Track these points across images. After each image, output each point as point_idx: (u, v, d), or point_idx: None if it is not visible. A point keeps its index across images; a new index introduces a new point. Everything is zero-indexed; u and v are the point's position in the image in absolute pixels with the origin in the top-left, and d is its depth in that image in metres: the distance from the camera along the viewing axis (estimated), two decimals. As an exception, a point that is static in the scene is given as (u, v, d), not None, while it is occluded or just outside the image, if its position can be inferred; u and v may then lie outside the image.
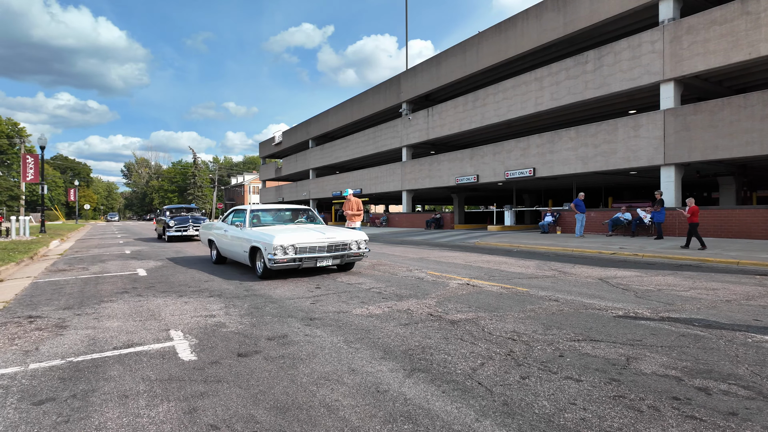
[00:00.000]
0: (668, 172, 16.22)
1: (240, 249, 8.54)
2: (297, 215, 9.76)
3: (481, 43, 23.29)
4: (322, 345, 3.93)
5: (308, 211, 9.93)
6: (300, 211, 9.89)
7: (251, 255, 8.02)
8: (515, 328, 4.36)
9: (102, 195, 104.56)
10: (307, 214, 9.86)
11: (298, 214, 9.79)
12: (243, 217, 9.06)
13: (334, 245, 7.73)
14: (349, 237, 7.94)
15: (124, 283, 7.68)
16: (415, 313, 5.03)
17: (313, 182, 41.99)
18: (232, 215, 9.91)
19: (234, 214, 9.83)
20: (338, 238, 7.80)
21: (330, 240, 7.68)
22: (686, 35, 15.26)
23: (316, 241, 7.55)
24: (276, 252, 7.15)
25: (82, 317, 5.22)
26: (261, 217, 9.30)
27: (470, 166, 24.64)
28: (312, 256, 7.47)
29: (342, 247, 7.85)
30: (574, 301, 5.63)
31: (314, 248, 7.53)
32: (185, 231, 18.28)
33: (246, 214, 8.96)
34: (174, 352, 3.82)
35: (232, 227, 9.24)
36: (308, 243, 7.46)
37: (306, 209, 9.97)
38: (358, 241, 8.05)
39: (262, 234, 7.73)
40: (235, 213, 9.85)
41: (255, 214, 9.20)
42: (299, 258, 7.33)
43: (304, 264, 7.45)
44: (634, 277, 7.72)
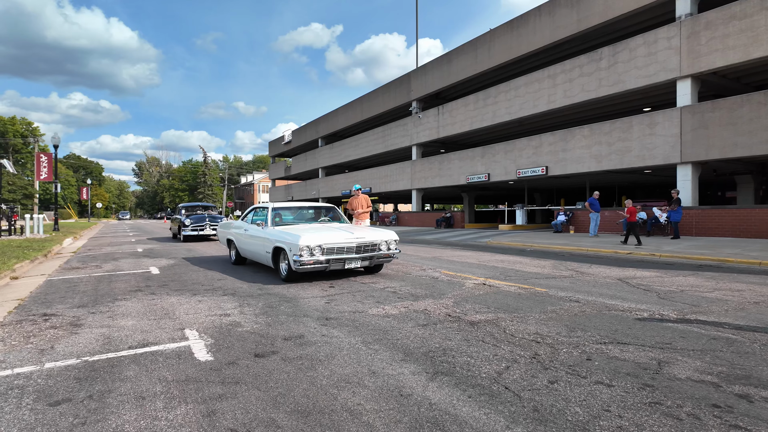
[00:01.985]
0: (685, 170, 15.92)
1: (262, 249, 8.08)
2: (320, 214, 9.31)
3: (493, 41, 23.06)
4: (339, 346, 3.84)
5: (332, 210, 9.40)
6: (323, 209, 9.44)
7: (274, 256, 7.55)
8: (538, 329, 4.24)
9: (114, 194, 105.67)
10: (332, 212, 9.34)
11: (322, 213, 9.34)
12: (265, 216, 8.61)
13: (363, 246, 7.20)
14: (379, 237, 7.43)
15: (137, 282, 7.66)
16: (433, 314, 4.92)
17: (323, 181, 42.00)
18: (252, 213, 9.46)
19: (255, 213, 9.39)
20: (368, 238, 7.26)
21: (359, 240, 7.15)
22: (704, 31, 14.94)
23: (344, 241, 7.03)
24: (302, 253, 6.69)
25: (96, 315, 5.18)
26: (283, 215, 8.84)
27: (481, 165, 24.44)
28: (340, 258, 6.97)
29: (371, 248, 7.31)
30: (596, 302, 5.48)
31: (342, 249, 7.02)
32: (202, 230, 17.53)
33: (268, 213, 8.53)
34: (190, 352, 3.75)
35: (253, 226, 8.75)
36: (336, 243, 6.96)
37: (330, 207, 9.46)
38: (388, 242, 7.54)
39: (287, 233, 7.21)
40: (256, 211, 9.39)
41: (277, 213, 8.74)
42: (326, 260, 6.85)
43: (332, 266, 6.96)
44: (654, 277, 7.54)
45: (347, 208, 10.92)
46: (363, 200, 10.90)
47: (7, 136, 62.13)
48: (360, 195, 10.95)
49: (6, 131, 62.63)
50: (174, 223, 19.67)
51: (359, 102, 35.56)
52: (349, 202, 10.94)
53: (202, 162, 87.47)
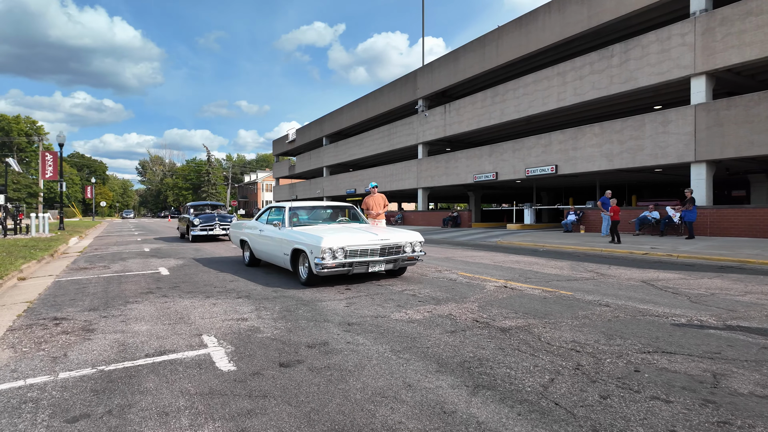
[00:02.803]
0: (699, 169, 15.65)
1: (279, 251, 7.65)
2: (338, 213, 8.83)
3: (501, 38, 22.80)
4: (368, 354, 3.64)
5: (351, 209, 8.93)
6: (341, 208, 8.97)
7: (293, 258, 7.12)
8: (574, 337, 4.03)
9: (117, 192, 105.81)
10: (350, 212, 8.88)
11: (340, 212, 8.86)
12: (281, 216, 8.14)
13: (387, 248, 6.78)
14: (403, 238, 7.01)
15: (147, 283, 7.48)
16: (459, 319, 4.72)
17: (327, 180, 41.82)
18: (267, 213, 9.03)
19: (270, 212, 8.92)
20: (392, 240, 6.84)
21: (383, 242, 6.73)
22: (720, 27, 14.66)
23: (368, 243, 6.61)
24: (324, 256, 6.28)
25: (108, 320, 5.00)
26: (300, 215, 8.38)
27: (489, 163, 24.20)
28: (363, 261, 6.56)
29: (396, 250, 6.90)
30: (627, 306, 5.26)
31: (366, 251, 6.61)
32: (211, 230, 16.77)
33: (285, 213, 8.08)
34: (210, 361, 3.55)
35: (269, 227, 8.30)
36: (359, 245, 6.55)
37: (348, 206, 8.98)
38: (412, 243, 7.10)
39: (307, 234, 6.79)
40: (272, 211, 8.91)
41: (294, 212, 8.26)
42: (349, 262, 6.45)
43: (355, 269, 6.56)
44: (678, 279, 7.31)
45: (362, 207, 10.29)
46: (380, 199, 10.28)
47: (11, 135, 62.19)
48: (376, 193, 10.36)
49: (10, 130, 62.69)
50: (182, 222, 18.95)
51: (364, 100, 35.34)
52: (364, 201, 10.31)
53: (205, 161, 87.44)
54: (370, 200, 10.20)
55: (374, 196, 10.23)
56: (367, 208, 10.17)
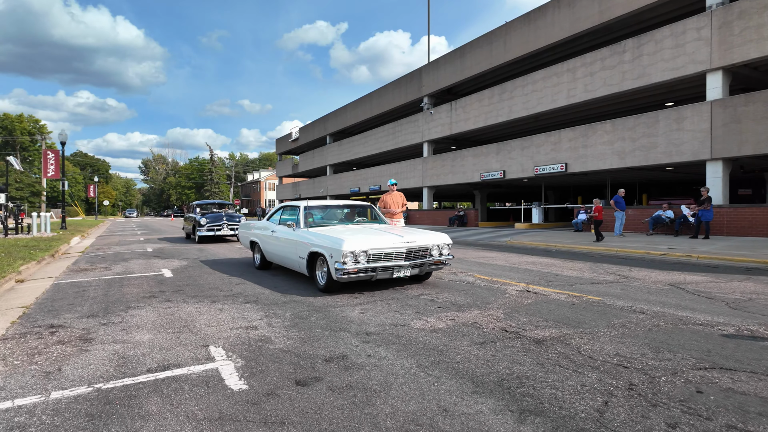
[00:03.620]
0: (715, 167, 15.23)
1: (293, 254, 7.06)
2: (356, 212, 8.18)
3: (509, 34, 22.39)
4: (392, 371, 3.29)
5: (369, 208, 8.31)
6: (359, 207, 8.32)
7: (310, 263, 6.54)
8: (617, 350, 3.67)
9: (120, 191, 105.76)
10: (369, 211, 8.25)
11: (357, 212, 8.21)
12: (296, 216, 7.53)
13: (413, 251, 6.19)
14: (430, 240, 6.41)
15: (150, 286, 7.15)
16: (486, 329, 4.36)
17: (331, 178, 41.49)
18: (280, 213, 8.38)
19: (284, 212, 8.30)
20: (419, 242, 6.25)
21: (409, 244, 6.14)
22: (737, 21, 14.24)
23: (392, 245, 6.03)
24: (346, 260, 5.71)
25: (108, 327, 4.67)
26: (316, 214, 7.72)
27: (496, 162, 23.80)
28: (387, 265, 5.96)
29: (422, 254, 6.31)
30: (664, 313, 4.89)
31: (390, 255, 6.02)
32: (219, 230, 15.92)
33: (300, 212, 7.47)
34: (219, 378, 3.21)
35: (282, 227, 7.71)
36: (383, 248, 5.97)
37: (367, 206, 8.38)
38: (440, 246, 6.48)
39: (326, 237, 6.21)
40: (285, 210, 8.31)
41: (310, 212, 7.60)
42: (372, 267, 5.86)
43: (379, 275, 5.97)
44: (707, 282, 6.94)
45: (380, 205, 9.61)
46: (398, 197, 9.61)
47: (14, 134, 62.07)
48: (395, 191, 9.67)
49: (13, 129, 62.58)
50: (187, 222, 18.12)
51: (368, 98, 34.97)
52: (382, 200, 9.64)
53: (208, 159, 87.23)
54: (388, 198, 9.56)
55: (393, 194, 9.59)
56: (385, 206, 9.54)
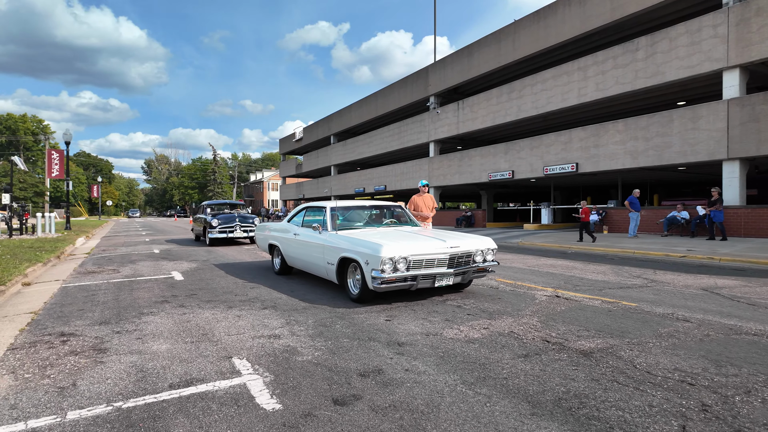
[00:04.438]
0: (732, 167, 14.92)
1: (320, 260, 6.46)
2: (384, 214, 7.51)
3: (518, 32, 22.10)
4: (435, 387, 3.02)
5: (398, 208, 7.67)
6: (387, 208, 7.64)
7: (340, 269, 5.96)
8: (674, 364, 3.40)
9: (123, 191, 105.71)
10: (399, 212, 7.59)
11: (386, 213, 7.53)
12: (322, 217, 6.90)
13: (456, 257, 5.59)
14: (474, 245, 5.79)
15: (161, 290, 6.90)
16: (526, 339, 4.10)
17: (335, 179, 41.24)
18: (303, 214, 7.75)
19: (307, 213, 7.69)
20: (463, 247, 5.64)
21: (453, 250, 5.53)
22: (755, 17, 13.92)
23: (434, 251, 5.43)
24: (384, 267, 5.10)
25: (122, 336, 4.42)
26: (343, 216, 7.00)
27: (504, 162, 23.50)
28: (429, 273, 5.35)
29: (465, 260, 5.71)
30: (710, 321, 4.62)
31: (432, 262, 5.42)
32: (231, 232, 14.75)
33: (326, 213, 6.80)
34: (249, 395, 2.95)
35: (306, 230, 7.13)
36: (425, 254, 5.37)
37: (396, 206, 7.70)
38: (484, 251, 5.87)
39: (361, 241, 5.62)
40: (309, 211, 7.67)
41: (336, 214, 6.87)
42: (412, 276, 5.26)
43: (419, 284, 5.36)
44: (741, 287, 6.65)
45: (408, 207, 8.96)
46: (429, 200, 8.96)
47: (18, 134, 62.01)
48: (426, 192, 8.98)
49: (17, 129, 62.53)
50: (197, 223, 16.92)
51: (373, 98, 34.70)
52: (412, 201, 8.97)
53: (211, 160, 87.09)
54: (419, 200, 8.88)
55: (423, 195, 8.94)
56: (416, 208, 8.89)
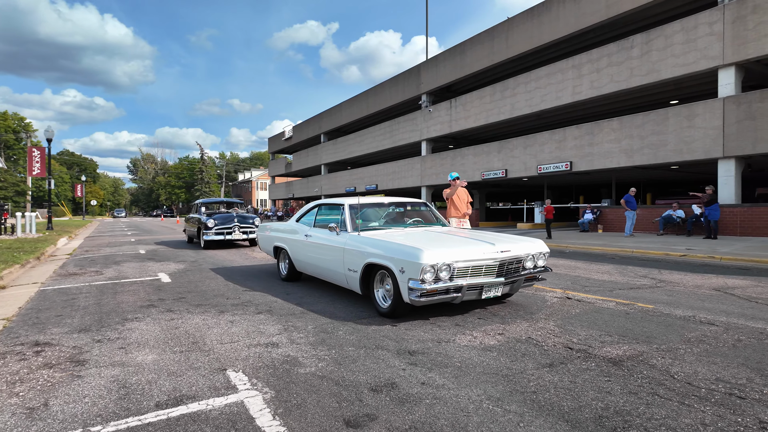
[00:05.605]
0: (727, 165, 14.86)
1: (338, 266, 5.55)
2: (407, 212, 6.56)
3: (512, 30, 21.91)
4: (459, 405, 2.69)
5: (423, 206, 6.76)
6: (411, 205, 6.67)
7: (364, 277, 5.07)
8: (715, 373, 3.11)
9: (108, 191, 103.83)
10: (425, 210, 6.72)
11: (410, 211, 6.59)
12: (340, 217, 5.95)
13: (506, 263, 4.72)
14: (524, 249, 4.93)
15: (147, 293, 6.47)
16: (546, 345, 3.79)
17: (325, 178, 40.77)
18: (315, 213, 6.79)
19: (320, 211, 6.72)
20: (513, 252, 4.79)
21: (503, 255, 4.67)
22: (752, 15, 13.86)
23: (482, 256, 4.56)
24: (425, 276, 4.23)
25: (103, 345, 4.01)
26: (364, 215, 6.04)
27: (498, 160, 23.31)
28: (475, 283, 4.46)
29: (516, 267, 4.85)
30: (737, 325, 4.36)
31: (479, 269, 4.55)
32: (229, 233, 13.34)
33: (345, 212, 5.85)
34: (248, 416, 2.59)
35: (320, 231, 6.23)
36: (472, 260, 4.49)
37: (420, 203, 6.78)
38: (535, 256, 5.02)
39: (394, 244, 4.71)
40: (322, 209, 6.73)
41: (358, 212, 5.93)
42: (457, 286, 4.36)
43: (465, 296, 4.47)
44: (753, 287, 6.44)
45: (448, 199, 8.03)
46: (464, 194, 7.87)
47: (-2, 131, 60.37)
48: (458, 186, 7.85)
49: (-3, 127, 60.85)
50: (190, 224, 15.42)
51: (364, 96, 34.33)
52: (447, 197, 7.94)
53: (198, 159, 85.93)
54: (453, 195, 7.90)
55: (457, 188, 7.83)
56: (451, 205, 7.87)
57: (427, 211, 6.72)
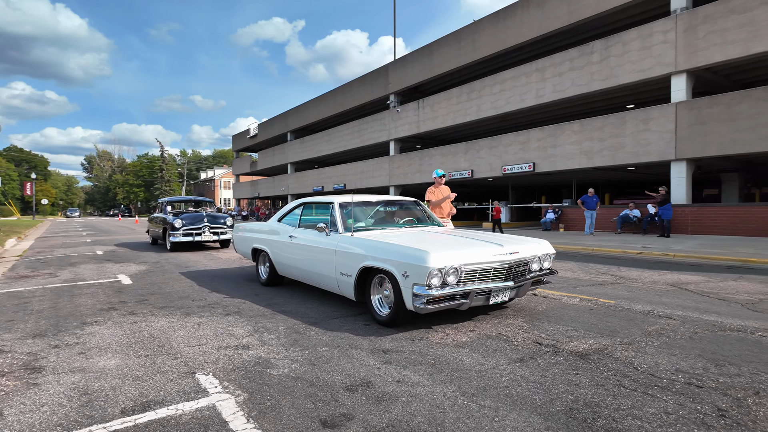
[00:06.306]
0: (679, 167, 15.65)
1: (329, 270, 5.11)
2: (400, 212, 6.22)
3: (478, 32, 22.30)
4: (435, 401, 2.72)
5: (414, 204, 6.41)
6: (401, 204, 6.33)
7: (359, 282, 4.66)
8: (675, 364, 3.26)
9: (61, 189, 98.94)
10: (416, 209, 6.34)
11: (402, 210, 6.25)
12: (331, 216, 5.44)
13: (515, 266, 4.44)
14: (530, 250, 4.63)
15: (107, 296, 6.20)
16: (516, 341, 3.87)
17: (292, 177, 40.28)
18: (300, 211, 6.27)
19: (305, 210, 6.24)
20: (521, 254, 4.48)
21: (512, 257, 4.37)
22: (702, 25, 14.64)
23: (491, 259, 4.25)
24: (432, 281, 3.89)
25: (61, 351, 3.82)
26: (355, 214, 5.61)
27: (464, 161, 23.67)
28: (483, 288, 4.14)
29: (523, 269, 4.56)
30: (693, 318, 4.59)
31: (487, 272, 4.24)
32: (198, 234, 12.40)
33: (335, 211, 5.38)
34: (220, 420, 2.52)
35: (306, 231, 5.77)
36: (480, 263, 4.18)
37: (412, 201, 6.43)
38: (541, 257, 4.73)
39: (394, 246, 4.37)
40: (308, 208, 6.26)
41: (349, 211, 5.50)
42: (463, 292, 4.03)
43: (473, 301, 4.16)
44: (705, 282, 6.81)
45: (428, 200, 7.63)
46: (447, 192, 7.61)
47: (-63, 125, 56.37)
48: (443, 184, 7.65)
49: (-64, 120, 56.84)
50: (154, 224, 14.32)
51: (332, 95, 34.12)
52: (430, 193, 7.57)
53: (158, 156, 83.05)
54: (438, 192, 7.58)
55: (442, 188, 7.60)
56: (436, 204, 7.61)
57: (419, 210, 6.36)
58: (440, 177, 7.72)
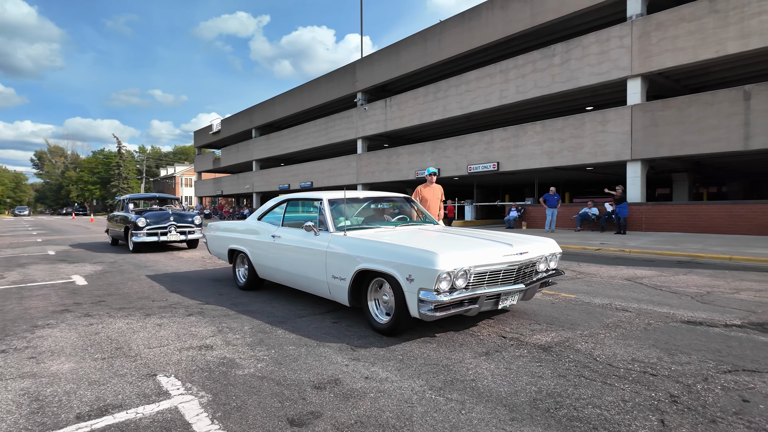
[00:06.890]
0: (634, 167, 16.35)
1: (319, 272, 4.67)
2: (392, 209, 5.90)
3: (444, 33, 22.54)
4: (403, 396, 2.73)
5: (407, 202, 6.00)
6: (393, 201, 5.94)
7: (354, 287, 4.26)
8: (631, 354, 3.41)
9: (8, 186, 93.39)
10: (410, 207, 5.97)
11: (395, 208, 5.92)
12: (320, 214, 4.99)
13: (524, 267, 4.16)
14: (538, 250, 4.36)
15: (60, 297, 5.90)
16: (481, 335, 3.95)
17: (257, 174, 39.56)
18: (284, 209, 5.74)
19: (290, 208, 5.73)
20: (530, 254, 4.20)
21: (522, 257, 4.09)
22: (655, 31, 15.34)
23: (500, 260, 3.92)
24: (441, 285, 3.50)
25: (9, 356, 3.61)
26: (340, 212, 5.09)
27: (431, 160, 23.90)
28: (493, 292, 3.80)
29: (530, 271, 4.29)
30: (647, 310, 4.81)
31: (497, 274, 3.91)
32: (164, 234, 11.61)
33: (324, 208, 4.93)
34: (184, 422, 2.45)
35: (291, 230, 5.30)
36: (490, 265, 3.84)
37: (403, 197, 6.00)
38: (548, 258, 4.48)
39: (395, 246, 3.98)
40: (294, 205, 5.75)
41: (339, 208, 5.08)
42: (472, 297, 3.68)
43: (483, 306, 3.84)
44: (657, 276, 7.15)
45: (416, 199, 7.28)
46: (439, 192, 7.37)
47: None
48: (434, 183, 7.37)
49: None
50: (114, 223, 13.35)
51: (299, 91, 33.70)
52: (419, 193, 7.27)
53: (116, 152, 79.72)
54: (428, 192, 7.29)
55: (433, 186, 7.33)
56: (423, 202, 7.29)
57: (412, 207, 5.97)
58: (431, 175, 7.41)
